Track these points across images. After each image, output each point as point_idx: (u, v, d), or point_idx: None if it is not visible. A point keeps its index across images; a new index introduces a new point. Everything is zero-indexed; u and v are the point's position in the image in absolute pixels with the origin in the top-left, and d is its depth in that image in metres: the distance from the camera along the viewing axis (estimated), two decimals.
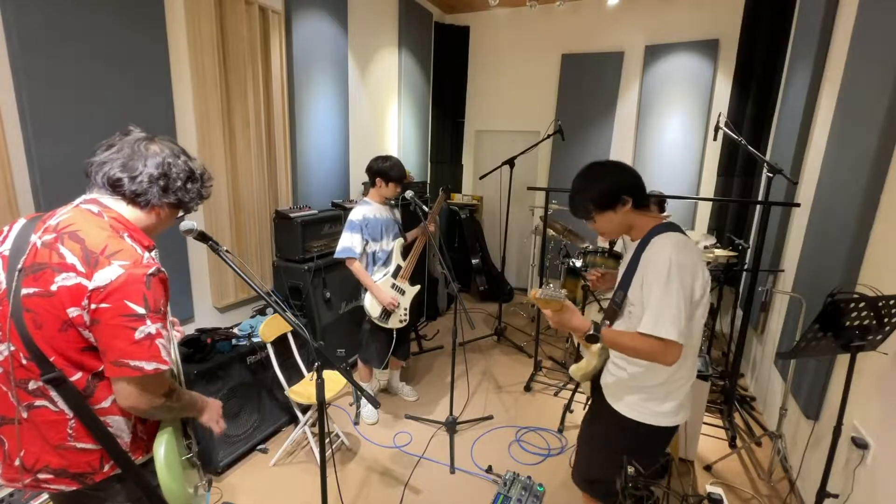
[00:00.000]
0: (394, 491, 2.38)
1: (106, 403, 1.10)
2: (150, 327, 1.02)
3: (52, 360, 1.02)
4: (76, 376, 1.06)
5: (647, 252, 1.47)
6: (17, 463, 1.08)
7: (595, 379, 1.75)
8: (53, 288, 0.99)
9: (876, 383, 1.77)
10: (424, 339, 4.12)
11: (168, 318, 1.12)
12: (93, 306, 0.99)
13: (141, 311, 1.01)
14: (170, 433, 1.19)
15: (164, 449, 1.16)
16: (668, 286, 1.38)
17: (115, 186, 1.09)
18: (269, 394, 2.69)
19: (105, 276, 0.99)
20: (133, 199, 1.11)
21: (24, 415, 1.07)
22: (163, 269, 1.09)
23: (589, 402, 1.86)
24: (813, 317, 1.51)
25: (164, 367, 1.05)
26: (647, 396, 1.55)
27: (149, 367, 1.03)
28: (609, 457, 1.62)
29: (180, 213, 1.23)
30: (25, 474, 1.09)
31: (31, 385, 1.05)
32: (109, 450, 1.11)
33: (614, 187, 1.49)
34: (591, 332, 1.49)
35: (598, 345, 1.63)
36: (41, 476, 1.09)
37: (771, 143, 3.73)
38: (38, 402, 1.06)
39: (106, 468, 1.13)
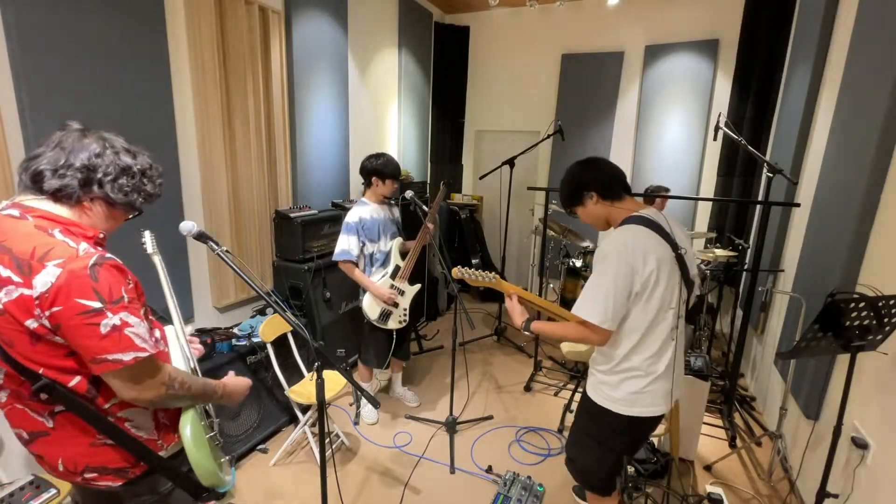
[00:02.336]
0: (394, 491, 2.38)
1: (116, 399, 1.08)
2: (114, 318, 0.96)
3: (40, 372, 0.99)
4: (75, 381, 1.02)
5: (602, 243, 1.64)
6: (60, 469, 1.10)
7: None
8: (0, 306, 0.94)
9: (876, 383, 1.77)
10: (424, 339, 4.12)
11: (139, 304, 1.06)
12: (46, 313, 0.94)
13: (96, 305, 0.95)
14: (193, 411, 1.20)
15: (189, 428, 1.17)
16: (601, 275, 1.50)
17: (36, 181, 1.01)
18: (269, 394, 2.69)
19: (43, 280, 0.93)
20: (55, 194, 1.02)
21: (51, 424, 1.06)
22: (109, 255, 1.00)
23: None
24: (813, 317, 1.51)
25: (143, 355, 1.00)
26: (601, 380, 1.66)
27: (126, 357, 0.98)
28: (579, 435, 1.81)
29: (129, 214, 1.15)
30: (73, 476, 1.11)
31: (43, 395, 1.02)
32: (123, 445, 1.10)
33: (577, 185, 1.66)
34: (524, 327, 1.74)
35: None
36: (87, 475, 1.11)
37: (771, 143, 3.73)
38: (58, 409, 1.05)
39: (142, 462, 1.14)
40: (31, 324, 0.95)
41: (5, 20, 1.79)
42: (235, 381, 1.34)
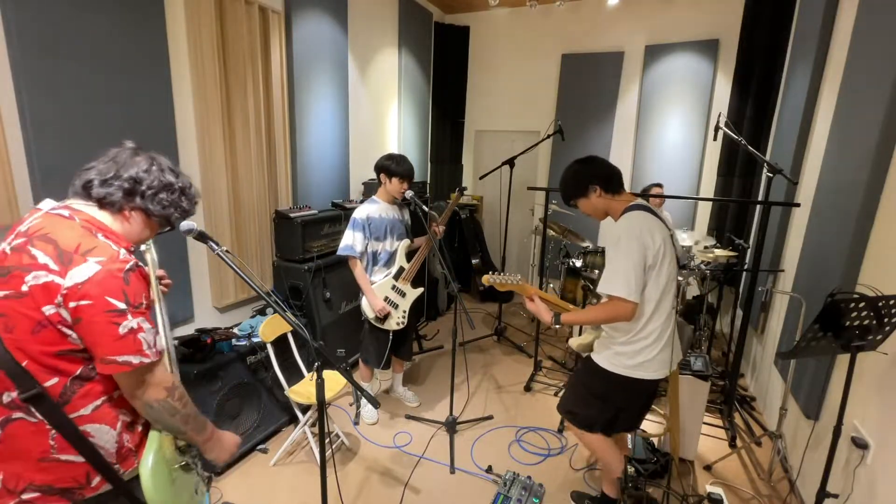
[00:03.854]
0: (394, 491, 2.38)
1: (86, 411, 1.07)
2: (132, 321, 1.03)
3: (24, 364, 1.00)
4: (52, 381, 1.02)
5: (611, 231, 1.79)
6: None
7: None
8: (25, 288, 0.98)
9: (876, 383, 1.77)
10: (424, 339, 4.12)
11: (153, 311, 1.13)
12: (72, 304, 0.99)
13: (122, 306, 1.02)
14: (158, 442, 1.17)
15: (151, 459, 1.14)
16: (618, 253, 1.70)
17: (85, 188, 1.11)
18: (269, 394, 2.68)
19: (82, 273, 0.99)
20: (101, 201, 1.12)
21: None
22: (140, 264, 1.10)
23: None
24: (813, 317, 1.51)
25: (147, 361, 1.06)
26: (618, 351, 1.84)
27: (135, 360, 1.04)
28: (584, 394, 2.02)
29: (163, 227, 1.24)
30: (9, 497, 1.04)
31: (6, 398, 1.01)
32: (94, 463, 1.08)
33: (582, 178, 1.85)
34: (554, 321, 1.89)
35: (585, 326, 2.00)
36: (26, 497, 1.05)
37: (771, 143, 3.73)
38: (15, 415, 1.02)
39: (94, 482, 1.10)
40: (48, 310, 0.99)
41: (5, 20, 1.79)
42: (225, 437, 1.33)
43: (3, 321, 0.99)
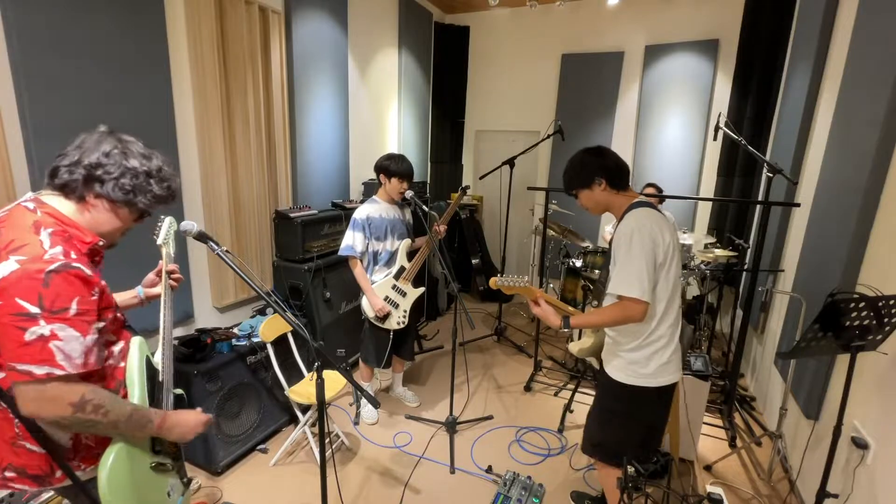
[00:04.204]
0: (394, 491, 2.38)
1: None
2: (44, 328, 0.94)
3: None
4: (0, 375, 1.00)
5: (617, 229, 1.71)
6: None
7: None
8: None
9: (876, 383, 1.77)
10: (424, 339, 4.12)
11: (94, 317, 1.04)
12: None
13: (34, 310, 0.93)
14: (123, 441, 1.10)
15: (112, 459, 1.08)
16: (630, 252, 1.61)
17: (52, 177, 1.07)
18: (269, 394, 2.68)
19: None
20: (63, 189, 1.06)
21: None
22: (76, 265, 0.99)
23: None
24: (813, 317, 1.51)
25: (58, 372, 0.95)
26: (630, 359, 1.73)
27: (39, 371, 0.94)
28: (602, 417, 1.88)
29: (136, 215, 1.16)
30: None
31: None
32: (53, 457, 1.05)
33: (590, 169, 1.75)
34: (562, 326, 1.77)
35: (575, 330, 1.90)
36: (7, 474, 1.07)
37: (771, 143, 3.73)
38: None
39: (58, 474, 1.09)
40: None
41: (5, 20, 1.79)
42: (182, 416, 1.22)
43: None
